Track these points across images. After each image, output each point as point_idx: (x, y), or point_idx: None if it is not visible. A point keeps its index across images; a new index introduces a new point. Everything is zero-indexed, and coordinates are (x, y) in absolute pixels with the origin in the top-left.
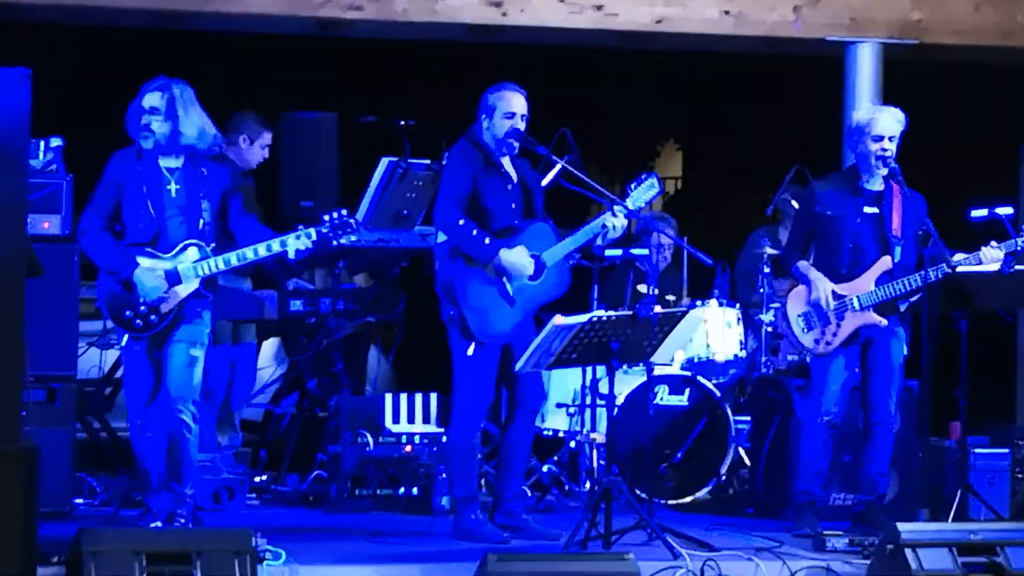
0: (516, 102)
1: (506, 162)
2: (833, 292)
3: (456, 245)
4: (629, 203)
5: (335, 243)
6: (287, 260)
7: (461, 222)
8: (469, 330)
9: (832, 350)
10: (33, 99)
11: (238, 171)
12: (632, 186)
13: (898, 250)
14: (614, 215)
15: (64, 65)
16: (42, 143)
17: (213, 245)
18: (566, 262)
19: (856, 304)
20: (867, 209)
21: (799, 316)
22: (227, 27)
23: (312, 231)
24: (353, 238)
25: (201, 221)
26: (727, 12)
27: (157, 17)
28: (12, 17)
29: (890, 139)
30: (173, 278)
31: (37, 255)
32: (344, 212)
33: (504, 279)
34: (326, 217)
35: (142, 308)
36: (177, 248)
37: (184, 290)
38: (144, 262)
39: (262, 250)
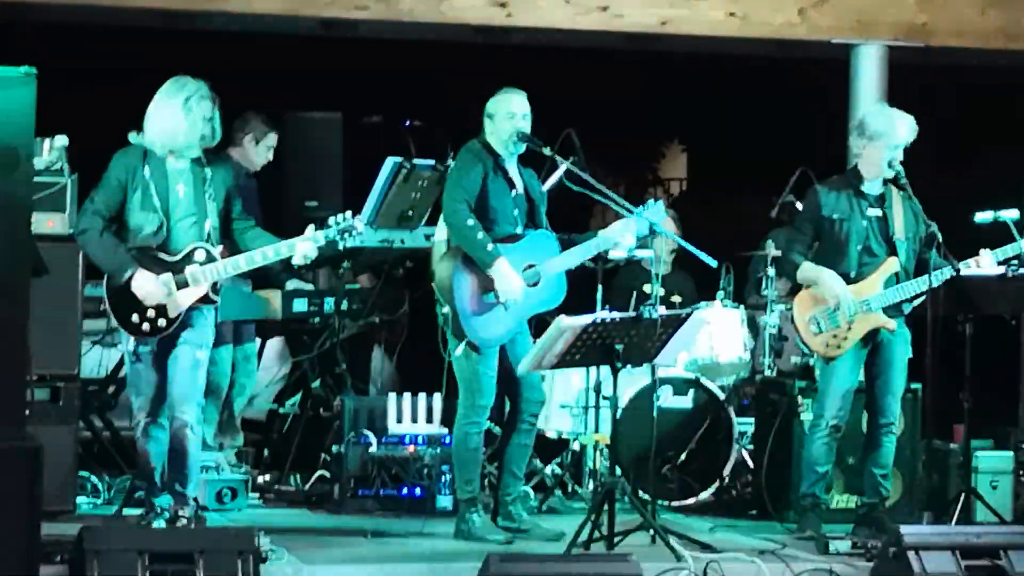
0: (516, 102)
1: (512, 168)
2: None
3: (459, 244)
4: (635, 225)
5: (340, 247)
6: (292, 263)
7: (470, 222)
8: (460, 330)
9: (843, 352)
10: (38, 98)
11: (242, 171)
12: (640, 210)
13: (902, 252)
14: (622, 235)
15: (69, 64)
16: (47, 142)
17: (220, 248)
18: (563, 274)
19: (867, 306)
20: (870, 211)
21: (808, 319)
22: (232, 26)
23: (320, 235)
24: (358, 242)
25: (208, 222)
26: (732, 14)
27: (162, 16)
28: (17, 16)
29: (903, 148)
30: (181, 282)
31: (41, 254)
32: (349, 214)
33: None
34: (332, 221)
35: (149, 312)
36: (185, 251)
37: (193, 294)
38: (149, 266)
39: (271, 253)
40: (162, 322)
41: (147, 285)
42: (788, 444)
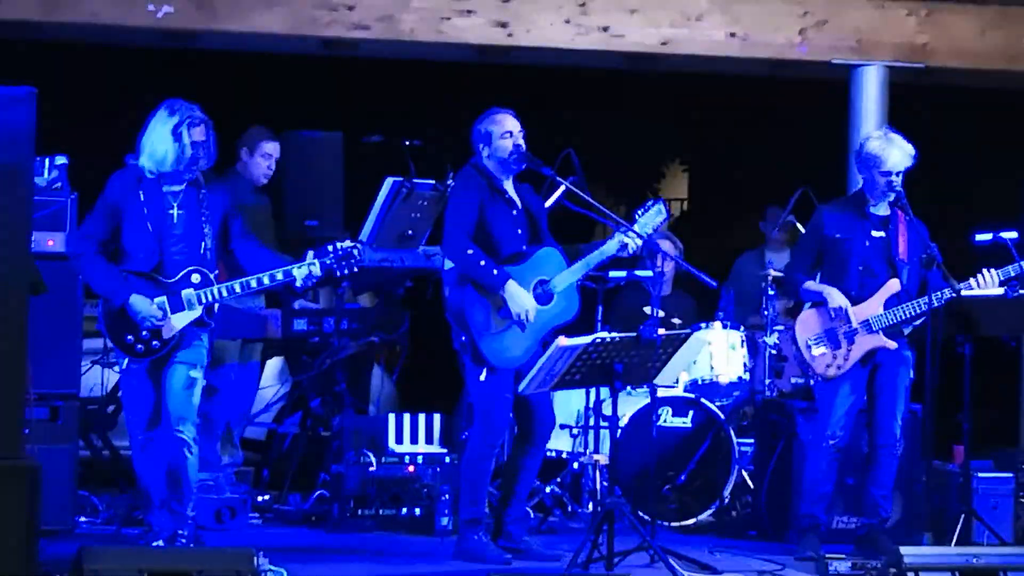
0: (509, 122)
1: (509, 188)
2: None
3: (465, 274)
4: (636, 229)
5: (338, 275)
6: (294, 287)
7: (470, 251)
8: (481, 357)
9: (843, 373)
10: (38, 117)
11: (248, 187)
12: (639, 212)
13: (905, 273)
14: (625, 241)
15: (70, 83)
16: (47, 161)
17: (216, 272)
18: (575, 285)
19: (867, 327)
20: (874, 233)
21: (809, 341)
22: (233, 46)
23: (316, 264)
24: (356, 270)
25: (203, 246)
26: (733, 34)
27: (163, 35)
28: (18, 35)
29: (897, 174)
30: (176, 306)
31: (41, 273)
32: (349, 242)
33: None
34: (330, 248)
35: (144, 333)
36: (180, 275)
37: (186, 317)
38: (144, 290)
39: (266, 279)
40: (156, 343)
41: (142, 307)
42: (788, 465)
